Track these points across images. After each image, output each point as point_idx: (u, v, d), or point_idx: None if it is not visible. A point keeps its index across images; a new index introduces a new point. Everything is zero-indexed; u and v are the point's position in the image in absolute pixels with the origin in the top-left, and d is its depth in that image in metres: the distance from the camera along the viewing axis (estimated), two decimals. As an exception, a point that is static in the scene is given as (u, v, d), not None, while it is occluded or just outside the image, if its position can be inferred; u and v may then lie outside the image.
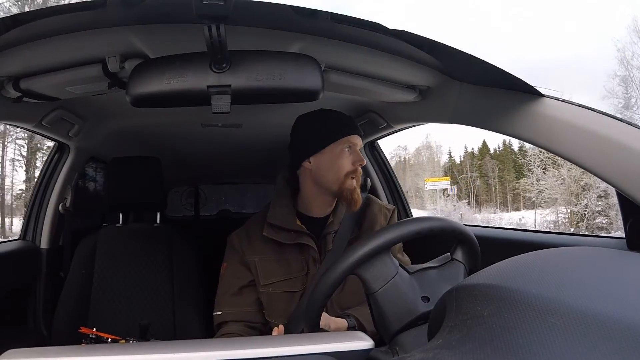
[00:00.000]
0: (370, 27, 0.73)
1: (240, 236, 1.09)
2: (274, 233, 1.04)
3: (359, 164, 1.03)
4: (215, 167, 2.51)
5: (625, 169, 0.66)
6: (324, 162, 1.03)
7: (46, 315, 1.49)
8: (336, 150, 1.02)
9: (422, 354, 0.34)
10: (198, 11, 0.55)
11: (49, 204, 1.58)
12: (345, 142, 1.02)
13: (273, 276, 1.04)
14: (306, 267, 1.04)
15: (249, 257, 1.06)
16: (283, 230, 1.03)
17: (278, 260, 1.05)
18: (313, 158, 1.04)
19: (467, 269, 0.73)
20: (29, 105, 1.00)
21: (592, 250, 0.40)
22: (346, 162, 1.02)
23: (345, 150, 1.02)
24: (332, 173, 1.02)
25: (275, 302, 1.04)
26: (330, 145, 1.02)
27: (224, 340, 0.77)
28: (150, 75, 0.67)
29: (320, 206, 1.08)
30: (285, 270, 1.04)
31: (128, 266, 1.50)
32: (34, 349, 0.45)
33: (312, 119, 1.07)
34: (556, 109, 0.77)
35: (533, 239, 1.25)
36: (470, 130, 1.13)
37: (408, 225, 0.69)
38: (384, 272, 0.66)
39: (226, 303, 1.05)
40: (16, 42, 0.77)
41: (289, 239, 1.03)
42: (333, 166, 1.02)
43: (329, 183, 1.03)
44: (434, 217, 0.75)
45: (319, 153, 1.03)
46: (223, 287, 1.07)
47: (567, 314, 0.29)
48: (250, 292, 1.05)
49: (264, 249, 1.05)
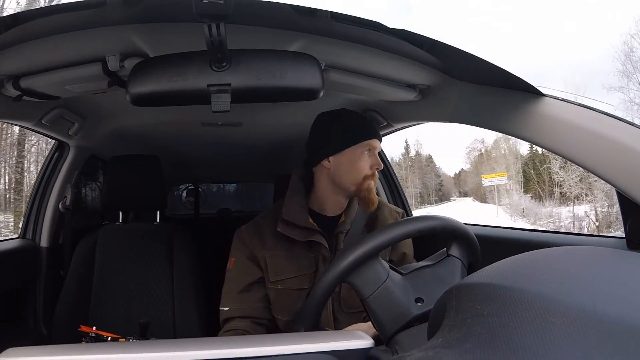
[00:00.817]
0: (371, 26, 0.73)
1: (249, 231, 1.09)
2: (287, 229, 1.04)
3: (377, 168, 1.05)
4: (215, 166, 2.51)
5: (625, 169, 0.66)
6: (344, 163, 1.04)
7: (46, 313, 1.50)
8: (356, 152, 1.03)
9: (422, 352, 0.34)
10: (198, 10, 0.55)
11: (49, 203, 1.58)
12: (366, 145, 1.03)
13: (283, 273, 1.04)
14: (315, 265, 1.04)
15: (258, 252, 1.06)
16: (296, 227, 1.04)
17: (288, 257, 1.05)
18: (333, 157, 1.04)
19: (465, 264, 0.73)
20: (29, 104, 1.01)
21: (592, 250, 0.40)
22: (365, 165, 1.03)
23: (365, 154, 1.03)
24: (351, 175, 1.03)
25: (283, 299, 1.04)
26: (351, 147, 1.03)
27: (224, 339, 0.77)
28: (150, 74, 0.66)
29: (333, 205, 1.08)
30: (295, 268, 1.04)
31: (128, 265, 1.50)
32: (34, 348, 0.45)
33: (334, 118, 1.07)
34: (556, 109, 0.77)
35: (533, 238, 1.25)
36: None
37: (394, 229, 0.69)
38: (373, 278, 0.67)
39: (234, 299, 1.05)
40: (16, 41, 0.77)
41: (302, 236, 1.03)
42: (352, 168, 1.03)
43: (347, 184, 1.04)
44: (422, 216, 0.74)
45: (340, 153, 1.03)
46: (231, 282, 1.07)
47: (567, 313, 0.30)
48: (259, 289, 1.06)
49: (275, 245, 1.06)
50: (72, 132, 1.40)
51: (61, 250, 1.59)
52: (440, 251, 0.75)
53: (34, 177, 4.46)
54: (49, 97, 0.98)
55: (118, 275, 1.49)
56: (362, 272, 0.67)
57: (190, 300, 1.50)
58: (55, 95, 0.99)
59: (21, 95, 0.92)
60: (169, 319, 1.47)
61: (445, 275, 0.70)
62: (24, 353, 0.44)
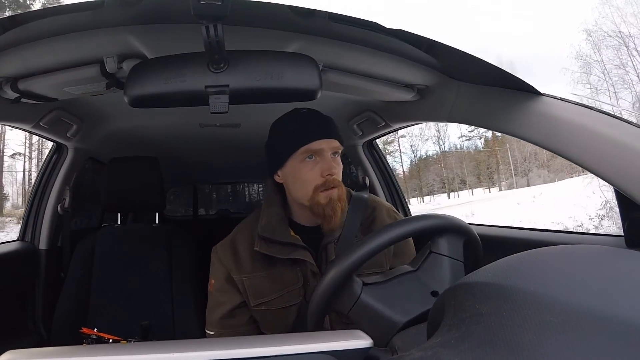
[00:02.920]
0: (368, 27, 0.73)
1: (224, 249, 0.98)
2: (266, 247, 0.91)
3: (328, 174, 0.88)
4: (214, 167, 2.51)
5: (623, 167, 0.66)
6: (288, 177, 0.91)
7: (45, 316, 1.49)
8: (296, 162, 0.89)
9: (421, 352, 0.34)
10: (195, 11, 0.55)
11: (48, 205, 1.58)
12: (305, 151, 0.88)
13: (264, 295, 0.93)
14: (302, 279, 0.93)
15: (235, 275, 0.94)
16: (276, 243, 0.91)
17: (269, 275, 0.93)
18: (280, 172, 0.93)
19: (454, 257, 0.70)
20: (27, 106, 1.00)
21: (591, 248, 0.40)
22: (310, 174, 0.88)
23: (307, 161, 0.89)
24: (299, 188, 0.90)
25: (270, 319, 0.95)
26: (290, 158, 0.89)
27: (223, 340, 0.77)
28: (148, 75, 0.66)
29: (309, 217, 0.94)
30: (278, 286, 0.93)
31: (127, 266, 1.50)
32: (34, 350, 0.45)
33: (276, 125, 0.95)
34: (554, 107, 0.77)
35: (532, 237, 1.25)
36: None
37: (369, 243, 0.66)
38: (348, 295, 0.66)
39: (218, 324, 0.96)
40: (14, 43, 0.76)
41: (283, 253, 0.90)
42: (297, 181, 0.90)
43: (300, 199, 0.91)
44: (399, 222, 0.70)
45: (283, 166, 0.91)
46: (213, 306, 0.97)
47: (566, 312, 0.30)
48: (243, 313, 0.96)
49: (253, 266, 0.94)
50: (71, 134, 1.40)
51: (60, 253, 1.59)
52: (424, 248, 0.72)
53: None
54: (47, 99, 0.98)
55: (117, 277, 1.49)
56: (339, 294, 0.66)
57: (189, 301, 1.50)
58: (54, 97, 0.99)
59: (19, 97, 0.91)
60: (169, 321, 1.47)
61: (428, 277, 0.68)
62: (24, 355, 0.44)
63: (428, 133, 23.84)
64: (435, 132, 23.71)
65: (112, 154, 1.63)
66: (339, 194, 0.90)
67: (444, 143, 24.45)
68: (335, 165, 0.90)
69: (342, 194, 0.91)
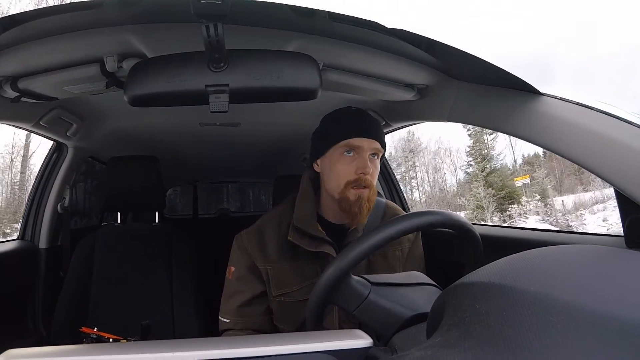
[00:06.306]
0: (369, 26, 0.73)
1: (251, 238, 1.00)
2: (298, 238, 0.93)
3: (361, 172, 0.90)
4: (214, 166, 2.51)
5: (623, 168, 0.66)
6: (325, 167, 0.95)
7: (45, 315, 1.50)
8: (335, 154, 0.93)
9: (421, 351, 0.34)
10: (196, 10, 0.55)
11: (47, 204, 1.58)
12: (345, 145, 0.92)
13: (286, 286, 0.96)
14: (319, 274, 0.97)
15: (260, 264, 0.97)
16: (306, 235, 0.93)
17: (292, 267, 0.96)
18: (320, 160, 0.97)
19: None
20: (27, 105, 1.00)
21: (591, 248, 0.40)
22: (346, 168, 0.91)
23: (345, 155, 0.92)
24: (332, 180, 0.93)
25: (287, 310, 0.97)
26: (331, 148, 0.94)
27: (223, 339, 0.77)
28: (148, 74, 0.66)
29: (336, 213, 0.97)
30: (299, 278, 0.96)
31: (127, 266, 1.50)
32: (34, 349, 0.45)
33: (327, 117, 1.00)
34: (554, 107, 0.77)
35: (532, 237, 1.25)
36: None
37: (362, 244, 0.66)
38: (353, 295, 0.66)
39: (234, 312, 0.98)
40: (14, 42, 0.76)
41: (311, 245, 0.93)
42: (332, 172, 0.93)
43: (331, 190, 0.94)
44: (388, 223, 0.69)
45: (323, 156, 0.96)
46: (231, 294, 0.99)
47: (566, 312, 0.30)
48: (260, 302, 0.98)
49: (279, 256, 0.96)
50: (70, 133, 1.40)
51: (60, 252, 1.59)
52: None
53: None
54: (47, 98, 0.98)
55: (117, 276, 1.49)
56: (340, 291, 0.66)
57: (189, 300, 1.50)
58: (53, 96, 0.98)
59: (19, 96, 0.91)
60: (168, 320, 1.47)
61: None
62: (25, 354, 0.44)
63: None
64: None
65: (112, 153, 1.63)
66: (368, 196, 0.92)
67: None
68: (371, 165, 0.92)
69: (372, 196, 0.94)
